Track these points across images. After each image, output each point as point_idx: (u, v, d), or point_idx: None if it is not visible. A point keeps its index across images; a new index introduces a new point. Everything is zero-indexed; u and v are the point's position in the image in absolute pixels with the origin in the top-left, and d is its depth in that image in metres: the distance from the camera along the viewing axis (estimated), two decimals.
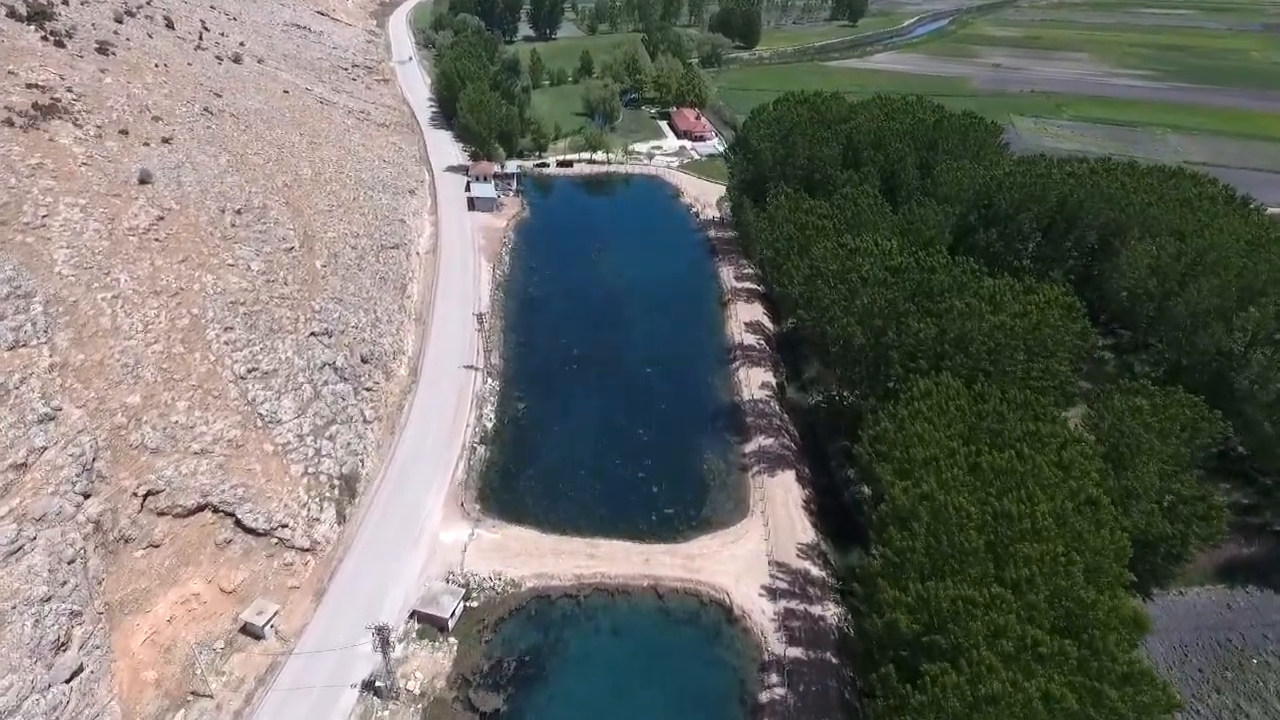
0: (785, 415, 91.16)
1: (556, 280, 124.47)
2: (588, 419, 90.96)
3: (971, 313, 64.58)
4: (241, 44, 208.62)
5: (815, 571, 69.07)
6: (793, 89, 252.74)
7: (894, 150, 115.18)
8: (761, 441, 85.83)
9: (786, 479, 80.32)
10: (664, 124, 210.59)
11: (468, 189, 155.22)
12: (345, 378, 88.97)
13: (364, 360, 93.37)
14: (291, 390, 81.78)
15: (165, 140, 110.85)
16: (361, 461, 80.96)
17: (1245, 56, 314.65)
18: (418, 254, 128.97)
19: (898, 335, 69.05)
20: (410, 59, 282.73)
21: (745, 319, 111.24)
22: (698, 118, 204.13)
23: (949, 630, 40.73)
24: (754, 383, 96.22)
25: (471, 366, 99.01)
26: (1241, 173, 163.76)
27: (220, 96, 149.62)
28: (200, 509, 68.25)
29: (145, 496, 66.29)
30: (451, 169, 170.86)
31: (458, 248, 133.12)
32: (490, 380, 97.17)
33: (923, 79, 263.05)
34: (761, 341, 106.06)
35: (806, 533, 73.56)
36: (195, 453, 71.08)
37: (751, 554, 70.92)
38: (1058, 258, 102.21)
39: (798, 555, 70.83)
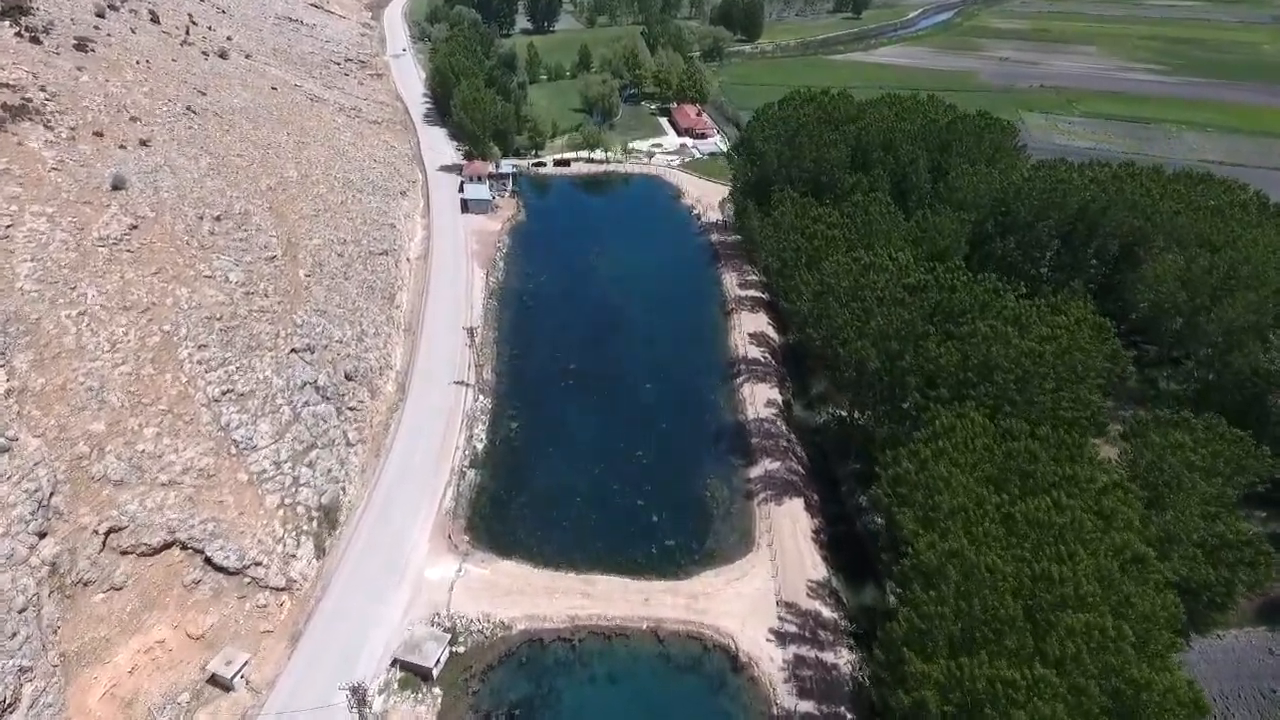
0: (792, 435, 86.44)
1: (553, 287, 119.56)
2: (584, 439, 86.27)
3: (997, 337, 59.72)
4: (229, 38, 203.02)
5: (827, 613, 64.47)
6: (796, 84, 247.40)
7: (905, 152, 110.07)
8: (767, 465, 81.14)
9: (794, 507, 75.63)
10: (664, 120, 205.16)
11: (461, 190, 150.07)
12: (327, 397, 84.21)
13: (348, 377, 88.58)
14: (269, 413, 77.01)
15: (143, 142, 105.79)
16: (343, 489, 76.24)
17: (1256, 50, 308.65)
18: (408, 260, 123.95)
19: (915, 359, 64.27)
20: (405, 52, 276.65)
21: (749, 329, 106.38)
22: (699, 114, 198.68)
23: (986, 717, 36.22)
24: (759, 400, 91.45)
25: (462, 382, 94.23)
26: (1260, 172, 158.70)
27: (205, 94, 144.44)
28: (167, 546, 63.61)
29: (107, 534, 61.63)
30: (445, 168, 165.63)
31: (450, 253, 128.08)
32: (482, 397, 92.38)
33: (930, 73, 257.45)
34: (766, 354, 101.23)
35: (817, 568, 68.92)
36: (163, 484, 66.40)
37: (758, 593, 66.30)
38: (1077, 267, 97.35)
39: (808, 594, 66.22)
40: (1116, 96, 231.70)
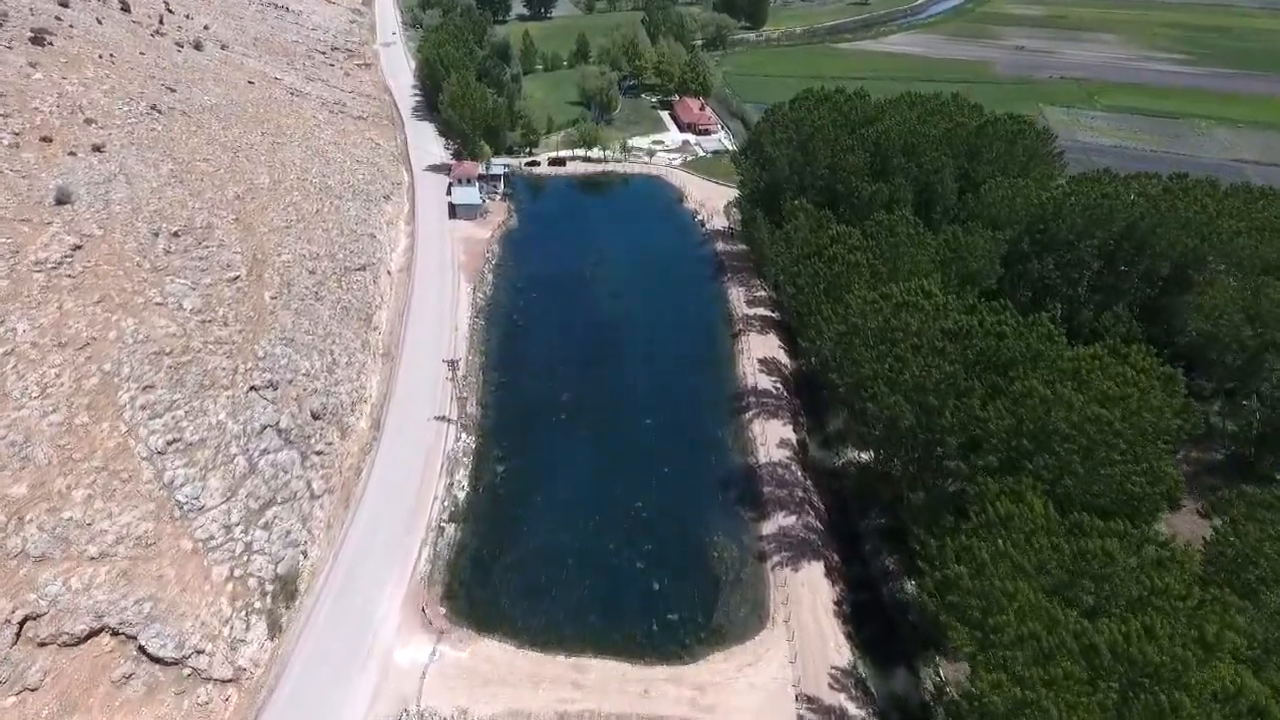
0: (808, 482, 77.84)
1: (545, 304, 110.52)
2: (577, 487, 77.68)
3: (1057, 400, 50.95)
4: (206, 27, 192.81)
5: (853, 710, 56.11)
6: (802, 74, 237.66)
7: (929, 159, 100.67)
8: (782, 521, 72.56)
9: (813, 574, 67.10)
10: (665, 115, 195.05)
11: (449, 193, 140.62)
12: (290, 441, 75.50)
13: (315, 416, 79.85)
14: (221, 465, 68.33)
15: (97, 148, 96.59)
16: (304, 553, 67.68)
17: None
18: (389, 273, 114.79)
19: (956, 417, 55.56)
20: (395, 40, 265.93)
21: (759, 354, 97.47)
22: (702, 108, 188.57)
23: None
24: (771, 439, 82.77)
25: (444, 418, 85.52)
26: None
27: (174, 91, 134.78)
28: (94, 634, 55.12)
29: (22, 623, 53.11)
30: (434, 168, 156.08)
31: (435, 265, 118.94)
32: (464, 436, 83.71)
33: (942, 63, 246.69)
34: (778, 384, 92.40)
35: (840, 651, 60.49)
36: (92, 558, 57.85)
37: (774, 683, 57.91)
38: (1120, 289, 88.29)
39: (830, 684, 57.84)
40: (1139, 89, 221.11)
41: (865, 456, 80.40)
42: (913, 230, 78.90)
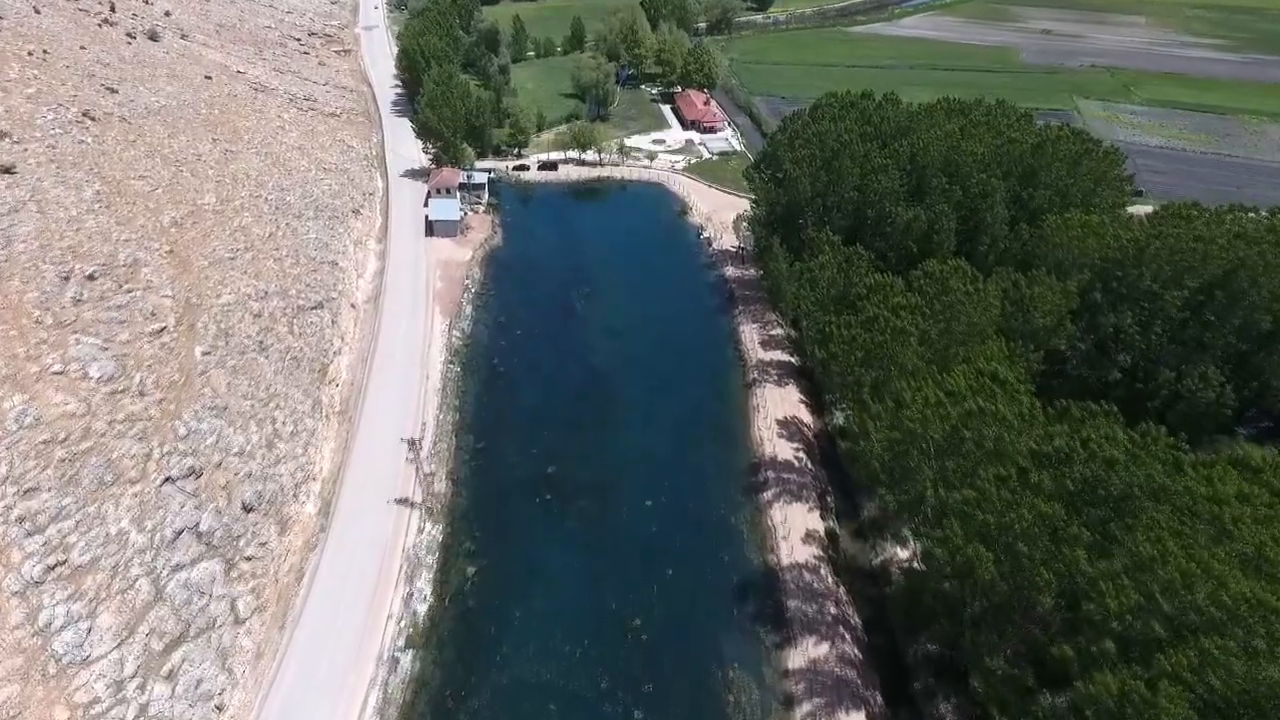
0: (840, 590, 64.62)
1: (530, 345, 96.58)
2: (564, 595, 64.48)
3: (1204, 572, 37.43)
4: (167, 13, 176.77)
5: None
6: (813, 60, 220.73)
7: (976, 182, 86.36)
8: (811, 649, 59.39)
9: None
10: (667, 109, 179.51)
11: (426, 204, 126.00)
12: (213, 546, 62.11)
13: (247, 509, 66.38)
14: (117, 594, 54.96)
15: (5, 170, 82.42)
16: (219, 706, 54.52)
17: None
18: (352, 307, 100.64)
19: (1054, 573, 42.07)
20: (378, 24, 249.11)
21: (777, 413, 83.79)
22: (707, 103, 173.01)
23: None
24: (794, 530, 69.40)
25: (406, 500, 72.09)
26: None
27: (115, 92, 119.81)
28: None
29: None
30: (412, 173, 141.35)
31: (407, 294, 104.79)
32: (430, 526, 70.29)
33: (964, 49, 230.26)
34: (800, 452, 78.82)
35: None
36: None
37: None
38: (1205, 343, 74.48)
39: None
40: (1178, 79, 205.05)
41: (903, 553, 67.24)
42: (971, 287, 64.73)
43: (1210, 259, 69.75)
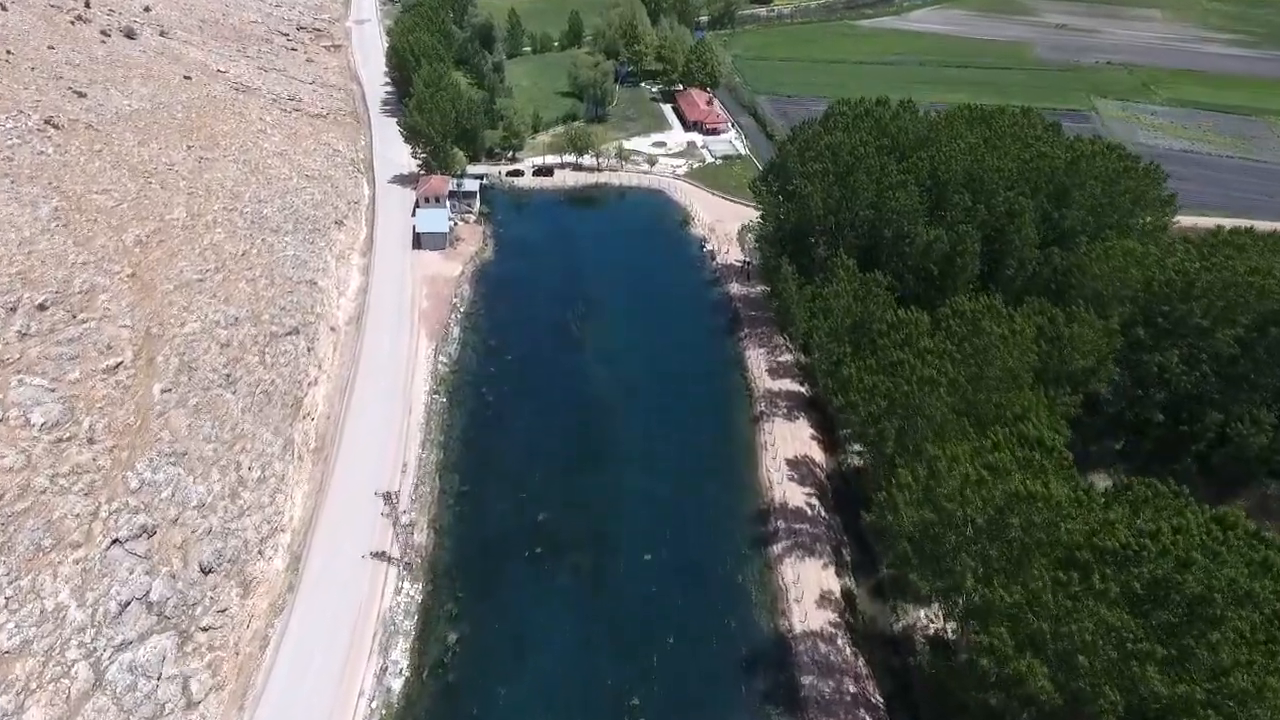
0: (860, 663, 58.58)
1: (521, 372, 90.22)
2: (554, 668, 58.43)
3: None
4: (147, 8, 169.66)
5: None
6: (819, 57, 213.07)
7: (1002, 200, 79.85)
8: None
9: None
10: (668, 109, 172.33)
11: (414, 214, 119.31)
12: (164, 617, 56.01)
13: (206, 571, 60.29)
14: (50, 683, 48.90)
15: None
16: None
17: None
18: (331, 330, 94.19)
19: (1123, 695, 35.80)
20: (371, 17, 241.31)
21: (787, 451, 77.58)
22: (709, 103, 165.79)
23: None
24: (807, 591, 63.31)
25: (382, 554, 65.99)
26: None
27: (84, 96, 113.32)
28: None
29: None
30: (401, 179, 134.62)
31: (391, 314, 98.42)
32: (408, 585, 64.18)
33: (976, 43, 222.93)
34: (812, 498, 72.66)
35: None
36: None
37: None
38: (1256, 382, 68.21)
39: None
40: (1197, 76, 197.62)
41: (926, 614, 61.25)
42: (1006, 329, 58.23)
43: (1267, 294, 63.28)
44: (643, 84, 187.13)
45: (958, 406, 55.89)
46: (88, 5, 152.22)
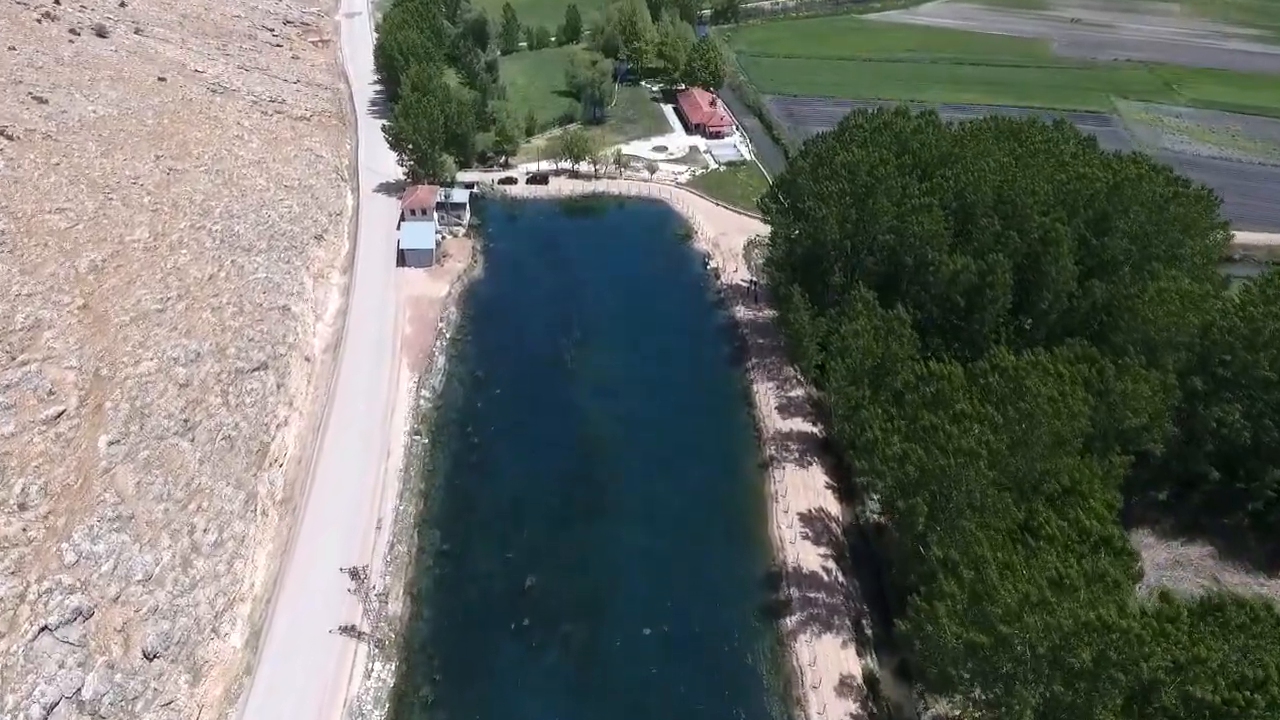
0: None
1: (510, 408, 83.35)
2: None
3: None
4: (123, 4, 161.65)
5: None
6: (826, 53, 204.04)
7: (1036, 226, 72.72)
8: None
9: None
10: (669, 110, 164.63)
11: (399, 227, 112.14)
12: (99, 717, 49.37)
13: (150, 656, 53.62)
14: None
15: None
16: None
17: None
18: (306, 360, 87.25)
19: None
20: (362, 10, 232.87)
21: (799, 504, 70.80)
22: (713, 104, 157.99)
23: None
24: (825, 676, 56.67)
25: (351, 629, 59.34)
26: None
27: (45, 101, 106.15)
28: None
29: None
30: (386, 187, 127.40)
31: (372, 341, 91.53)
32: (379, 665, 57.54)
33: (990, 40, 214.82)
34: (828, 560, 65.92)
35: None
36: None
37: None
38: None
39: None
40: (1221, 75, 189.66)
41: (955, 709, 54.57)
42: (1056, 392, 51.30)
43: None
44: (643, 82, 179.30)
45: (999, 480, 49.07)
46: (57, 2, 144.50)
